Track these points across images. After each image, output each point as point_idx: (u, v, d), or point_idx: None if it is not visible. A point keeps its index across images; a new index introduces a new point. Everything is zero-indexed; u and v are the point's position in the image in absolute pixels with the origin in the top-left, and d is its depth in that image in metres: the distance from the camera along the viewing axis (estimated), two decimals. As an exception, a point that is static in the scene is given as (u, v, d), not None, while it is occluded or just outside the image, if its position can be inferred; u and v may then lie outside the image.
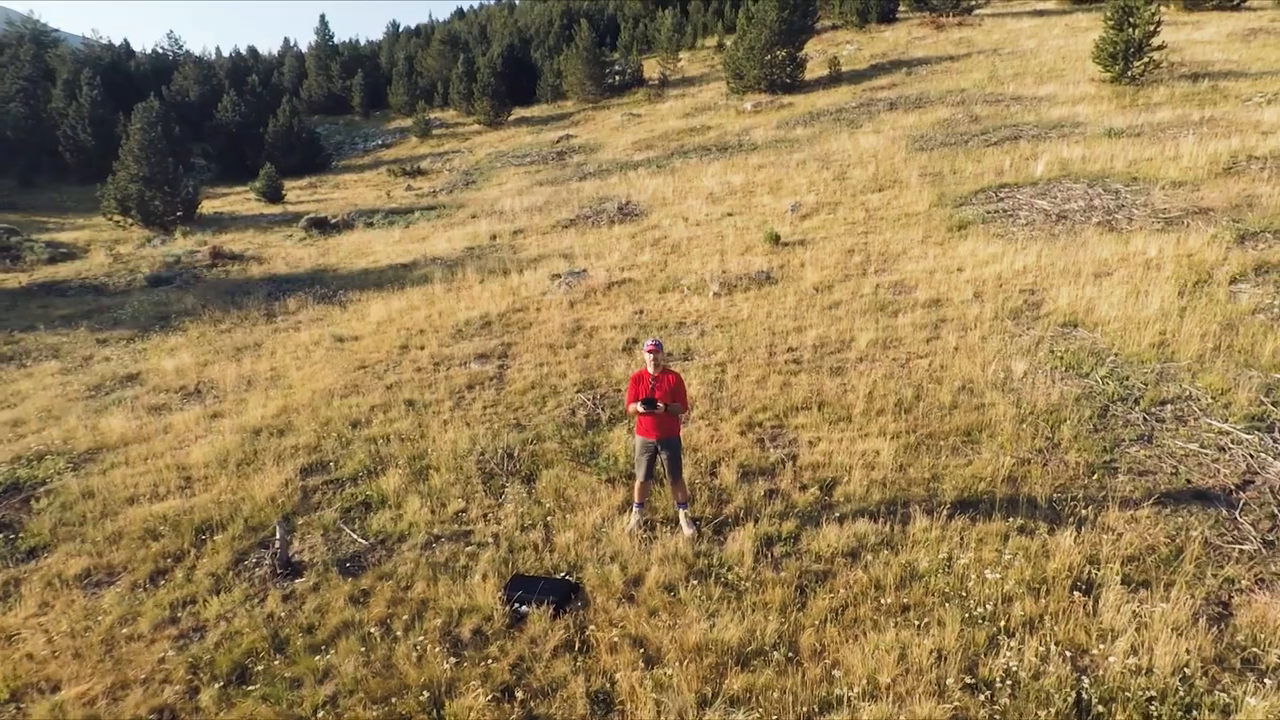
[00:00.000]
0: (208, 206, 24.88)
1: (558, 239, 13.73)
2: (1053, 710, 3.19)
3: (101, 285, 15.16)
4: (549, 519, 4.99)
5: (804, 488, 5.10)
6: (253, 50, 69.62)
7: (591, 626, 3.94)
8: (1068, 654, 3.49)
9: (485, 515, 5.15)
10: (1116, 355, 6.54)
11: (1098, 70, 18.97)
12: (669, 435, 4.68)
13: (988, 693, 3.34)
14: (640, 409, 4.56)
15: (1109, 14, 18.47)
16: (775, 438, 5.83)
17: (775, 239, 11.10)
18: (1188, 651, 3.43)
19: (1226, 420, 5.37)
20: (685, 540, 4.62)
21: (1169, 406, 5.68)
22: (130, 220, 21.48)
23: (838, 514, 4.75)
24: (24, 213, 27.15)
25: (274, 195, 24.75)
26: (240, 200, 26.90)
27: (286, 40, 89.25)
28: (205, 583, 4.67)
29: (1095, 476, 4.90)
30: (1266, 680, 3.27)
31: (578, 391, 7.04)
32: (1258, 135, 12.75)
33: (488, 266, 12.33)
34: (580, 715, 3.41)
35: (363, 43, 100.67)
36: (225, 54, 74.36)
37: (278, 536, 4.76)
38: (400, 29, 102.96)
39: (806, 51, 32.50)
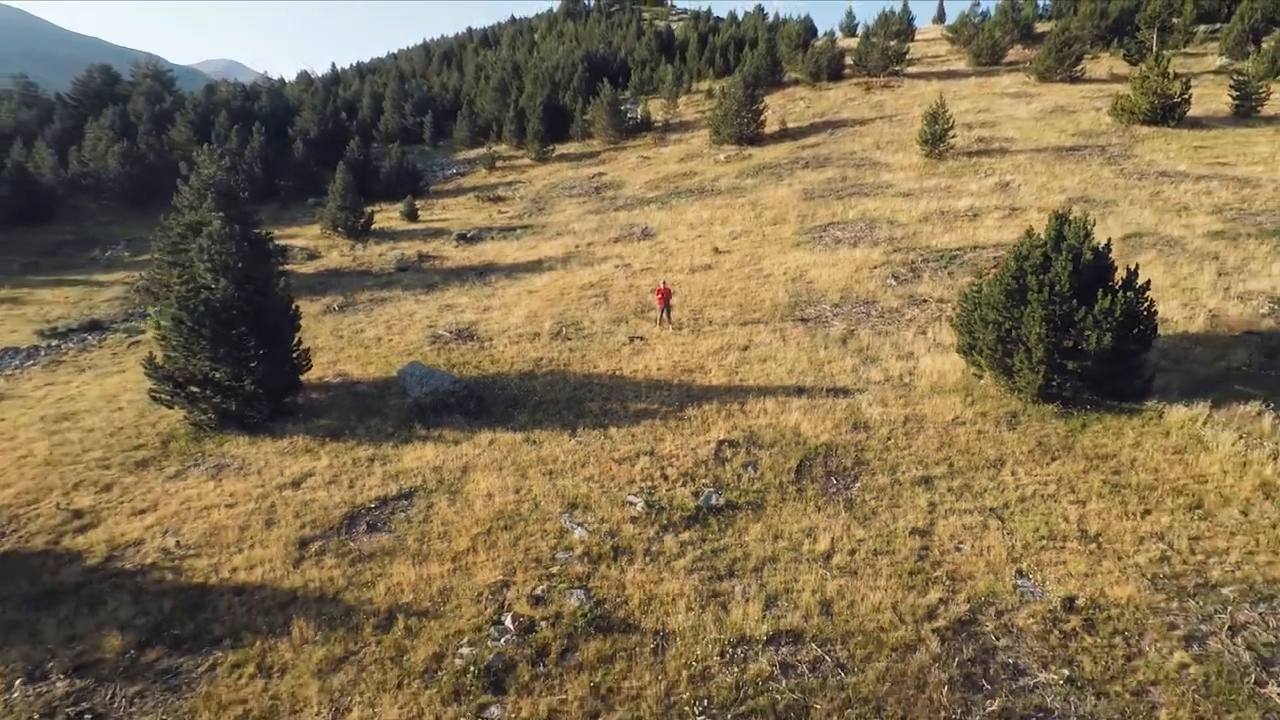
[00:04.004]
0: (368, 223, 37.91)
1: (612, 248, 26.94)
2: (732, 349, 16.42)
3: (365, 271, 28.33)
4: (636, 328, 18.25)
5: (702, 322, 18.32)
6: (323, 81, 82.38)
7: (646, 338, 17.20)
8: (741, 348, 16.73)
9: (614, 329, 18.36)
10: (814, 291, 19.70)
11: (919, 148, 32.10)
12: (667, 303, 17.91)
13: (736, 349, 16.58)
14: (659, 297, 17.79)
15: (924, 117, 31.58)
16: (698, 314, 19.04)
17: (716, 250, 24.29)
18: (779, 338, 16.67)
19: (828, 307, 18.55)
20: (670, 330, 17.84)
21: (817, 301, 18.84)
22: (336, 233, 34.66)
23: (710, 324, 17.97)
24: (233, 225, 40.23)
25: (413, 215, 37.86)
26: (382, 219, 39.96)
27: (334, 66, 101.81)
28: (545, 339, 17.88)
29: (778, 317, 18.08)
30: (799, 332, 16.54)
31: (636, 304, 20.25)
32: (957, 199, 25.89)
33: (580, 262, 25.54)
34: (642, 353, 16.66)
35: (384, 55, 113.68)
36: (287, 78, 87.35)
37: (562, 328, 18.00)
38: (431, 51, 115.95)
39: (769, 105, 45.44)
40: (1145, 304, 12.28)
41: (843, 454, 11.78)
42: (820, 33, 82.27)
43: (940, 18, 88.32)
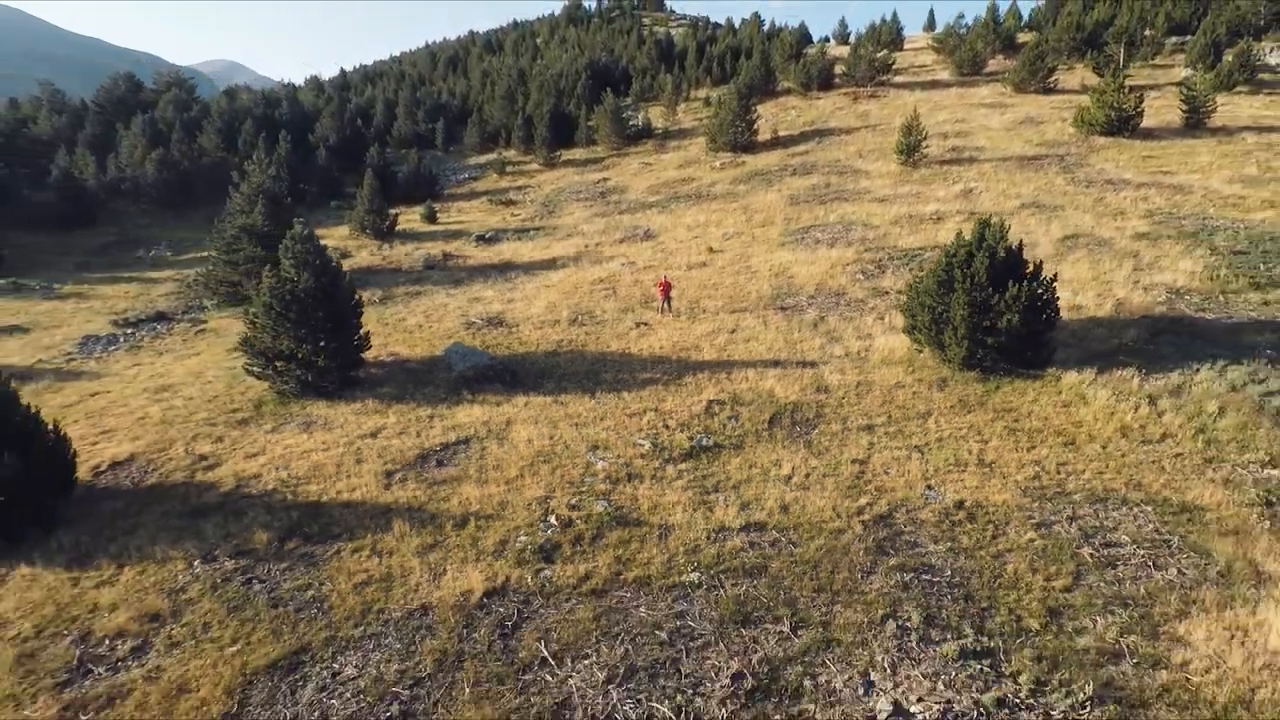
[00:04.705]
0: (390, 225, 40.99)
1: (618, 249, 30.08)
2: (722, 332, 19.58)
3: (396, 269, 31.46)
4: (641, 316, 21.41)
5: (697, 310, 21.48)
6: (334, 87, 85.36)
7: (650, 323, 20.37)
8: (730, 331, 19.90)
9: (622, 317, 21.51)
10: (794, 284, 22.85)
11: (897, 157, 35.25)
12: (668, 294, 21.09)
13: (725, 331, 19.74)
14: (661, 289, 20.96)
15: (901, 129, 34.73)
16: (694, 304, 22.19)
17: (710, 249, 27.44)
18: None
19: (805, 298, 21.70)
20: (670, 317, 21.00)
21: (795, 293, 21.99)
22: (364, 234, 37.78)
23: (704, 312, 21.13)
24: (264, 227, 43.25)
25: (432, 218, 40.97)
26: (404, 221, 43.02)
27: (343, 71, 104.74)
28: (564, 324, 21.04)
29: (762, 306, 21.23)
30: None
31: (641, 296, 23.40)
32: (925, 204, 29.03)
33: (590, 260, 28.69)
34: (647, 335, 19.82)
35: (386, 58, 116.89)
36: (289, 79, 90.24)
37: (578, 316, 21.16)
38: (436, 55, 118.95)
39: (762, 114, 48.45)
40: (1050, 292, 15.42)
41: (806, 409, 14.92)
42: (815, 39, 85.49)
43: (930, 26, 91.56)
